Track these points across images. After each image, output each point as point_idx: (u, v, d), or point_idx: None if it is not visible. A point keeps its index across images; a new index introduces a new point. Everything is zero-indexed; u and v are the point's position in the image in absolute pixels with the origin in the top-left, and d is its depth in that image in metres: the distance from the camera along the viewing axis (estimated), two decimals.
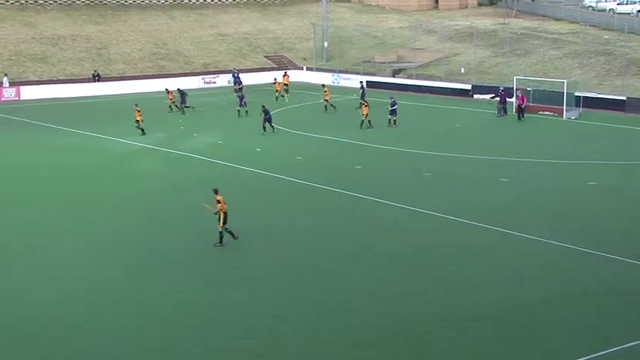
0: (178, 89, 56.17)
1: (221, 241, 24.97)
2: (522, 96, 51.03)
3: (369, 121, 47.04)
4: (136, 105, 46.71)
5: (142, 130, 45.95)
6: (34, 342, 18.35)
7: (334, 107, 54.51)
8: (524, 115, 50.59)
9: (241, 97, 53.56)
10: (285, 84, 62.87)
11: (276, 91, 61.57)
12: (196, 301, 20.69)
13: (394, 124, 47.37)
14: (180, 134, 46.89)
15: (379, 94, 64.66)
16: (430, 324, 19.01)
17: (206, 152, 40.63)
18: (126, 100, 60.82)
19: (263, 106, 46.56)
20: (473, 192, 32.13)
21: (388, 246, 25.17)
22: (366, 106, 47.56)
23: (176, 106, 55.33)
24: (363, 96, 55.58)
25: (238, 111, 52.67)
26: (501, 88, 53.70)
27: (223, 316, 19.67)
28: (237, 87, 63.84)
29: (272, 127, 46.15)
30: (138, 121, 45.87)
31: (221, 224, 24.80)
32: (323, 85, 58.70)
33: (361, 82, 61.38)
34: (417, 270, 22.99)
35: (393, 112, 47.77)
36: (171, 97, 55.69)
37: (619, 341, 17.71)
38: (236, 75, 67.54)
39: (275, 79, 64.05)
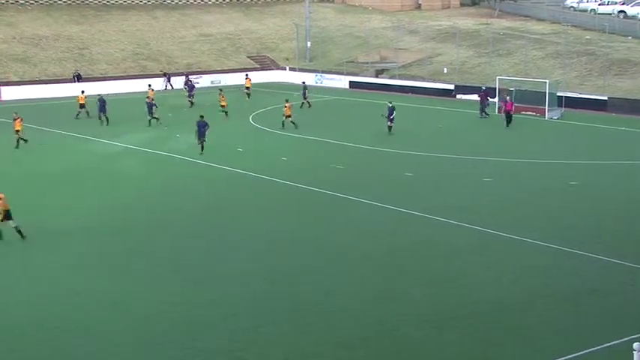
0: (100, 96, 51.28)
1: (1, 237, 25.64)
2: (510, 101, 48.73)
3: (291, 121, 47.08)
4: (16, 114, 43.45)
5: (23, 140, 42.29)
6: (17, 343, 18.22)
7: (226, 114, 52.08)
8: (512, 120, 47.90)
9: (150, 105, 49.42)
10: (246, 87, 62.21)
11: (246, 88, 61.61)
12: (179, 302, 20.59)
13: (389, 130, 45.05)
14: (163, 135, 46.69)
15: (363, 94, 64.93)
16: (414, 324, 19.02)
17: (188, 153, 40.47)
18: (109, 101, 60.53)
19: (201, 117, 40.57)
20: (455, 192, 32.22)
21: (371, 246, 25.17)
22: (287, 106, 47.62)
23: (80, 113, 51.97)
24: (304, 96, 56.05)
25: (149, 120, 48.90)
26: (483, 88, 53.85)
27: (206, 317, 19.59)
28: (186, 88, 61.51)
29: (202, 143, 39.83)
30: (18, 130, 42.21)
31: None
32: (220, 90, 56.02)
33: (303, 82, 61.12)
34: (400, 270, 23.00)
35: (391, 120, 45.01)
36: (81, 100, 52.24)
37: (602, 341, 17.78)
38: (187, 77, 66.28)
39: (246, 75, 65.34)
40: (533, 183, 33.69)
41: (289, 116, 47.29)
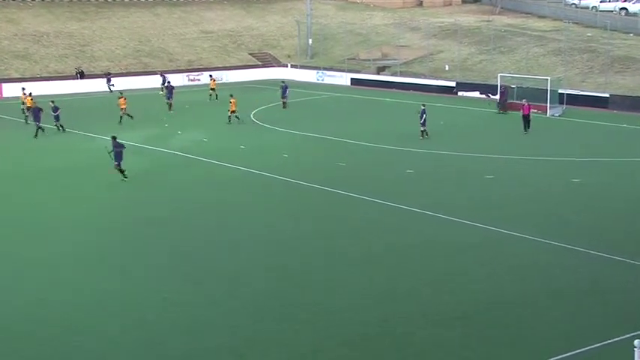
0: (53, 103, 47.05)
1: None
2: (528, 105, 45.77)
3: (236, 116, 48.34)
4: None
5: None
6: (18, 343, 18.23)
7: (125, 117, 48.96)
8: (530, 125, 44.87)
9: (37, 111, 45.22)
10: (212, 88, 60.27)
11: (212, 89, 59.96)
12: (180, 301, 20.59)
13: (425, 134, 42.75)
14: (164, 132, 46.72)
15: (364, 91, 64.95)
16: (415, 323, 19.01)
17: (191, 150, 40.50)
18: (110, 98, 60.64)
19: (113, 138, 34.56)
20: (457, 189, 32.21)
21: (372, 244, 25.16)
22: (232, 102, 48.55)
23: (25, 114, 49.35)
24: (283, 95, 55.22)
25: (61, 126, 45.89)
26: (502, 85, 54.03)
27: (207, 315, 19.59)
28: (164, 89, 59.46)
29: (122, 171, 33.90)
30: None
31: None
32: (120, 93, 52.24)
33: (283, 81, 60.09)
34: (401, 268, 22.99)
35: (423, 123, 42.73)
36: (28, 99, 49.47)
37: (603, 338, 17.80)
38: (164, 77, 65.06)
39: (210, 75, 63.90)
40: (535, 180, 33.68)
41: (234, 111, 48.46)
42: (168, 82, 57.94)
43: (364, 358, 17.33)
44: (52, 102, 47.31)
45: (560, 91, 53.34)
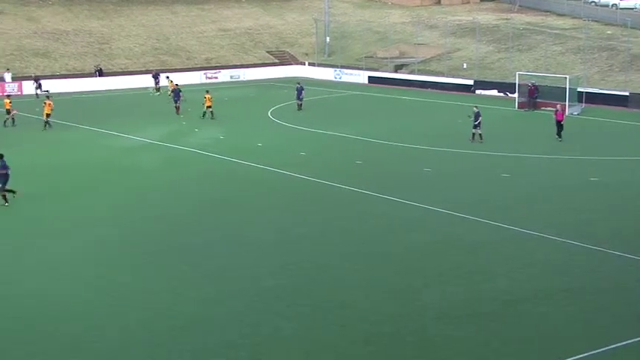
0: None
1: None
2: (562, 111, 43.08)
3: (211, 112, 49.19)
4: None
5: None
6: (25, 338, 18.27)
7: (47, 124, 46.68)
8: (562, 131, 41.95)
9: None
10: (172, 89, 59.23)
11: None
12: (192, 297, 20.59)
13: (480, 138, 41.25)
14: (181, 129, 46.86)
15: (382, 89, 64.85)
16: (428, 321, 18.93)
17: (207, 147, 40.58)
18: (129, 96, 60.92)
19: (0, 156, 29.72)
20: (473, 187, 32.08)
21: (386, 242, 25.10)
22: (207, 97, 49.50)
23: (7, 120, 47.56)
24: (299, 97, 53.82)
25: None
26: (532, 82, 53.81)
27: (219, 312, 19.58)
28: (156, 87, 60.72)
29: (6, 194, 29.61)
30: None
31: None
32: (47, 97, 48.79)
33: (299, 82, 58.95)
34: (415, 266, 22.91)
35: (477, 125, 41.37)
36: (7, 106, 47.72)
37: (619, 338, 17.63)
38: (157, 77, 64.63)
39: (167, 76, 62.45)
40: (553, 179, 33.48)
41: (209, 107, 49.22)
42: (176, 85, 55.65)
43: (378, 355, 17.28)
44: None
45: (579, 89, 53.02)
